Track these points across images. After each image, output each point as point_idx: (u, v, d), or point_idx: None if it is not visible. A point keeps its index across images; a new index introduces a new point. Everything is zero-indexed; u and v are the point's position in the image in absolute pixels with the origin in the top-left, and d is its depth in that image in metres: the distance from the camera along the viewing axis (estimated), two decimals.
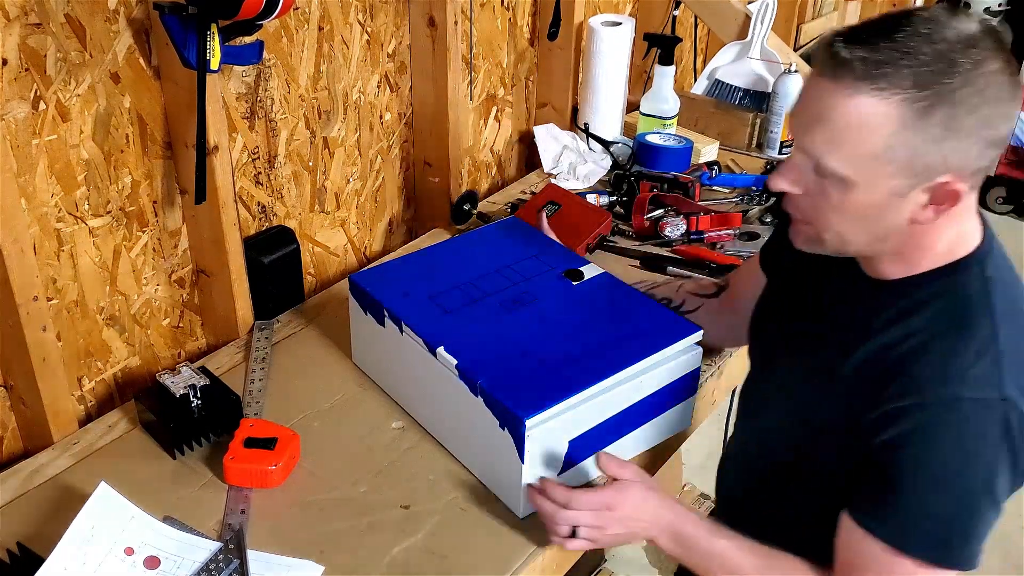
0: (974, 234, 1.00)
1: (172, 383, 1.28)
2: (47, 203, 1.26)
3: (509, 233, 1.49)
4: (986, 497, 0.95)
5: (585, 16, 2.06)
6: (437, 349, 1.21)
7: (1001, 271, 1.00)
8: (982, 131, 0.89)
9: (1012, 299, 0.99)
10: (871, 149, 0.90)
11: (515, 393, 1.12)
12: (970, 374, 0.93)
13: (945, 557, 0.96)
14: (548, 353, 1.19)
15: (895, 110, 0.88)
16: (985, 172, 0.95)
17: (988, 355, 0.94)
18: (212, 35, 1.22)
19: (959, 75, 0.86)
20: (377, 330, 1.33)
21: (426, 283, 1.33)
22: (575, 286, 1.33)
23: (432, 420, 1.30)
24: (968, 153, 0.90)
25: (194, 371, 1.31)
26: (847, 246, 1.01)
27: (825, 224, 0.99)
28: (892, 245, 0.99)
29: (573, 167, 1.99)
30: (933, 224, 0.96)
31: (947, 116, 0.87)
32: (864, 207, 0.94)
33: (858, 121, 0.89)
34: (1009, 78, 0.89)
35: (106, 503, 1.10)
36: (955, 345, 0.95)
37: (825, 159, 0.93)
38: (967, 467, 0.94)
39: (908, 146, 0.89)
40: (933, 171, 0.90)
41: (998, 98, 0.89)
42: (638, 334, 1.24)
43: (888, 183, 0.92)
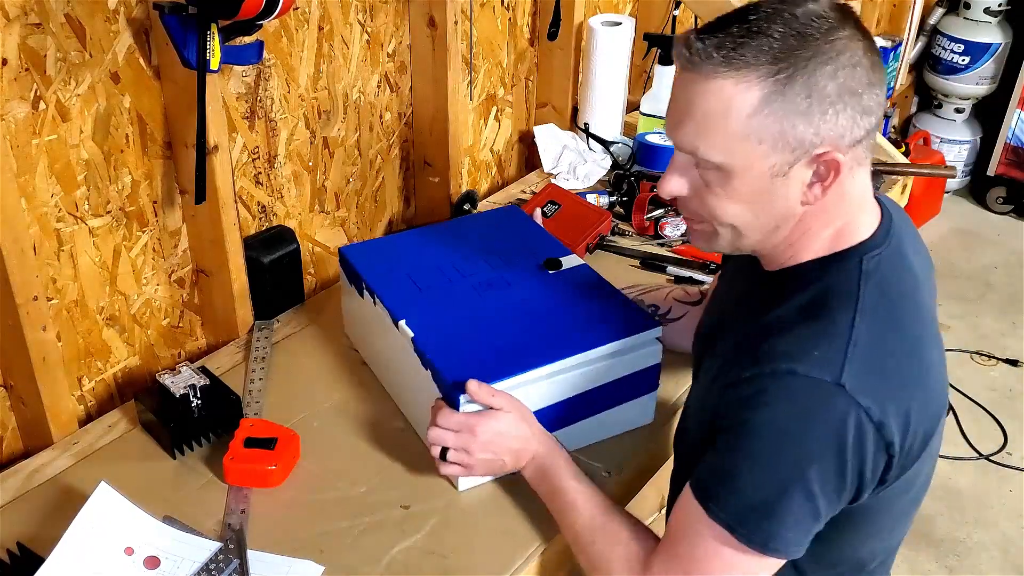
0: (864, 226, 1.00)
1: (172, 383, 1.28)
2: (47, 203, 1.26)
3: (504, 221, 1.52)
4: (797, 480, 0.91)
5: (585, 16, 2.06)
6: (399, 321, 1.25)
7: (884, 268, 0.98)
8: (846, 97, 0.90)
9: (886, 297, 0.96)
10: (739, 130, 0.90)
11: (458, 369, 1.17)
12: (813, 354, 0.91)
13: (742, 530, 0.93)
14: (504, 335, 1.24)
15: (755, 88, 0.89)
16: (867, 146, 0.95)
17: (837, 342, 0.92)
18: (212, 35, 1.22)
19: (811, 45, 0.88)
20: (358, 301, 1.39)
21: (410, 261, 1.38)
22: (551, 275, 1.36)
23: (396, 389, 1.36)
24: (839, 121, 0.90)
25: (194, 371, 1.31)
26: (742, 239, 1.00)
27: (716, 219, 0.98)
28: (784, 235, 0.99)
29: (573, 167, 1.99)
30: (822, 211, 0.96)
31: (807, 85, 0.88)
32: (749, 193, 0.94)
33: (721, 105, 0.90)
34: (863, 43, 0.91)
35: (106, 503, 1.10)
36: (811, 328, 0.94)
37: (700, 151, 0.94)
38: (783, 442, 0.91)
39: (775, 121, 0.89)
40: (808, 143, 0.91)
41: (854, 63, 0.90)
42: (598, 323, 1.26)
43: (765, 163, 0.92)
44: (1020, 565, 2.40)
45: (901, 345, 0.95)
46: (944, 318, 3.30)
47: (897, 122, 4.05)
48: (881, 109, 0.94)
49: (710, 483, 0.96)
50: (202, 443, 1.27)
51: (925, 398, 0.95)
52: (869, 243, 0.99)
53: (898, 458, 0.93)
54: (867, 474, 0.93)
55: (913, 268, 1.02)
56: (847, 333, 0.92)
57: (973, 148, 3.98)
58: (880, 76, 0.93)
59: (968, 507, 2.57)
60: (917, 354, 0.96)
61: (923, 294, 1.02)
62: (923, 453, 0.98)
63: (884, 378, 0.92)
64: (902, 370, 0.94)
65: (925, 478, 1.06)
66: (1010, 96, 3.75)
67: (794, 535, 0.93)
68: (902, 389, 0.93)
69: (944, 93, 3.91)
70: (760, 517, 0.92)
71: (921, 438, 0.95)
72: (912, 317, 0.98)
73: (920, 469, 1.01)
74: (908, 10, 3.57)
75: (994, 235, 3.81)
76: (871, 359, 0.91)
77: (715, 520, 0.94)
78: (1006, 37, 3.74)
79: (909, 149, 3.44)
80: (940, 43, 3.81)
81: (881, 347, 0.93)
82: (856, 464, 0.91)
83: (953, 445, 2.78)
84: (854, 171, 0.96)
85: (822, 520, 0.95)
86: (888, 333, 0.94)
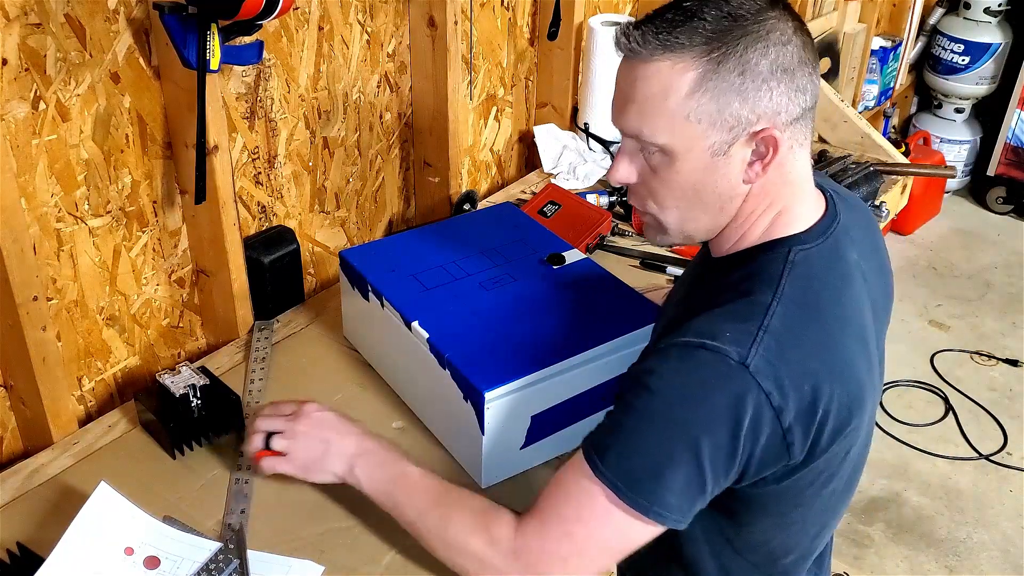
0: (803, 217, 1.01)
1: (172, 383, 1.28)
2: (47, 203, 1.26)
3: (500, 218, 1.52)
4: (688, 448, 0.91)
5: (585, 16, 2.06)
6: (412, 323, 1.25)
7: (813, 262, 0.99)
8: (779, 74, 0.92)
9: (809, 290, 0.97)
10: (678, 110, 0.93)
11: (478, 367, 1.17)
12: (724, 331, 0.92)
13: (627, 491, 0.93)
14: (517, 332, 1.24)
15: (690, 68, 0.92)
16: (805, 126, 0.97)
17: (749, 324, 0.93)
18: (212, 35, 1.22)
19: (743, 25, 0.91)
20: (362, 304, 1.38)
21: (412, 261, 1.38)
22: (555, 270, 1.37)
23: (408, 392, 1.35)
24: (773, 98, 0.93)
25: (194, 371, 1.31)
26: (688, 225, 1.02)
27: (662, 204, 1.00)
28: (729, 217, 1.00)
29: (573, 167, 1.99)
30: (764, 193, 0.98)
31: (739, 63, 0.91)
32: (692, 174, 0.96)
33: (659, 87, 0.93)
34: (792, 23, 0.94)
35: (106, 503, 1.10)
36: (730, 310, 0.95)
37: (643, 134, 0.96)
38: (678, 408, 0.92)
39: (711, 99, 0.92)
40: (745, 121, 0.93)
41: (783, 41, 0.92)
42: (607, 317, 1.27)
43: (705, 143, 0.94)
44: (1020, 565, 2.40)
45: (816, 337, 0.95)
46: (944, 318, 3.30)
47: (897, 122, 4.05)
48: (815, 89, 0.96)
49: (601, 441, 0.96)
50: (202, 443, 1.27)
51: (836, 395, 0.95)
52: (802, 236, 1.00)
53: (798, 447, 0.94)
54: (757, 456, 0.93)
55: (849, 270, 1.02)
56: (761, 317, 0.93)
57: (973, 148, 3.99)
58: (812, 55, 0.95)
59: (968, 507, 2.57)
60: (832, 348, 0.96)
61: (854, 296, 1.01)
62: (834, 448, 0.97)
63: (790, 365, 0.92)
64: (812, 361, 0.94)
65: (844, 477, 1.06)
66: (1010, 96, 3.75)
67: (677, 502, 0.94)
68: (809, 379, 0.93)
69: (944, 93, 3.91)
70: (647, 479, 0.93)
71: (830, 431, 0.95)
72: (833, 313, 0.98)
73: (834, 465, 1.01)
74: (908, 10, 3.57)
75: (994, 235, 3.81)
76: (780, 345, 0.92)
77: (601, 479, 0.94)
78: (1006, 37, 3.74)
79: (909, 149, 3.44)
80: (940, 43, 3.81)
81: (793, 335, 0.94)
82: (748, 445, 0.92)
83: (953, 445, 2.78)
84: (794, 151, 0.98)
85: (707, 495, 0.95)
86: (803, 323, 0.95)
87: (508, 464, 1.22)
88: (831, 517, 1.13)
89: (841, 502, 1.12)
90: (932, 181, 3.65)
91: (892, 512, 2.55)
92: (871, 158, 2.13)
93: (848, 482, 1.09)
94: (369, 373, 1.42)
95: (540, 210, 1.74)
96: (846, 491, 1.10)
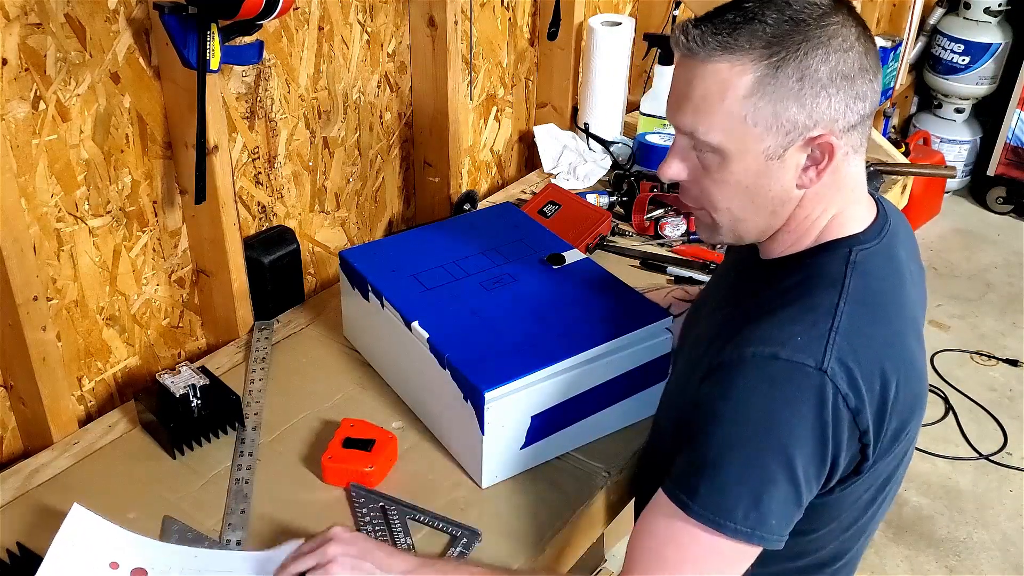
0: (859, 219, 1.01)
1: (172, 383, 1.28)
2: (47, 203, 1.26)
3: (500, 218, 1.52)
4: (782, 466, 0.90)
5: (585, 16, 2.06)
6: (412, 323, 1.25)
7: (873, 262, 0.99)
8: (838, 81, 0.91)
9: (872, 289, 0.97)
10: (735, 112, 0.92)
11: (478, 367, 1.17)
12: (795, 339, 0.91)
13: (730, 524, 0.90)
14: (518, 332, 1.24)
15: (748, 70, 0.91)
16: (862, 133, 0.96)
17: (820, 327, 0.92)
18: (212, 35, 1.22)
19: (804, 30, 0.90)
20: (362, 304, 1.38)
21: (412, 261, 1.38)
22: (555, 270, 1.37)
23: (408, 392, 1.35)
24: (832, 105, 0.92)
25: (194, 371, 1.31)
26: (740, 226, 1.01)
27: (714, 205, 1.00)
28: (781, 220, 0.99)
29: (573, 167, 1.99)
30: (819, 197, 0.97)
31: (799, 68, 0.90)
32: (745, 176, 0.96)
33: (716, 87, 0.92)
34: (855, 29, 0.93)
35: (82, 523, 1.07)
36: (794, 314, 0.94)
37: (698, 132, 0.95)
38: (765, 427, 0.90)
39: (768, 103, 0.91)
40: (802, 126, 0.92)
41: (845, 48, 0.91)
42: (607, 317, 1.27)
43: (759, 145, 0.93)
44: (1020, 565, 2.40)
45: (883, 335, 0.95)
46: (944, 318, 3.30)
47: (897, 122, 4.05)
48: (875, 96, 0.95)
49: (689, 479, 0.93)
50: (202, 443, 1.27)
51: (904, 393, 0.95)
52: (861, 236, 1.00)
53: (871, 448, 0.94)
54: (841, 462, 0.93)
55: (902, 269, 1.02)
56: (830, 318, 0.93)
57: (973, 148, 3.98)
58: (873, 62, 0.94)
59: (968, 507, 2.57)
60: (898, 345, 0.96)
61: (908, 294, 1.02)
62: (894, 447, 0.97)
63: (862, 365, 0.92)
64: (881, 359, 0.94)
65: (894, 477, 1.05)
66: (1010, 96, 3.75)
67: (778, 523, 0.92)
68: (879, 377, 0.93)
69: (944, 93, 3.91)
70: (747, 508, 0.91)
71: (893, 431, 0.95)
72: (895, 311, 0.98)
73: (889, 464, 1.00)
74: (908, 10, 3.57)
75: (994, 235, 3.81)
76: (852, 345, 0.92)
77: (698, 519, 0.92)
78: (1006, 37, 3.74)
79: (909, 149, 3.44)
80: (940, 43, 3.81)
81: (863, 335, 0.93)
82: (834, 450, 0.91)
83: (953, 445, 2.78)
84: (849, 157, 0.97)
85: (803, 506, 0.94)
86: (871, 322, 0.95)
87: (508, 464, 1.22)
88: (880, 516, 1.12)
89: (889, 500, 1.11)
90: (932, 181, 3.65)
91: (892, 512, 2.55)
92: (871, 158, 2.13)
93: (899, 479, 1.08)
94: (369, 373, 1.42)
95: (540, 210, 1.74)
96: (896, 487, 1.09)
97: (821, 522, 1.02)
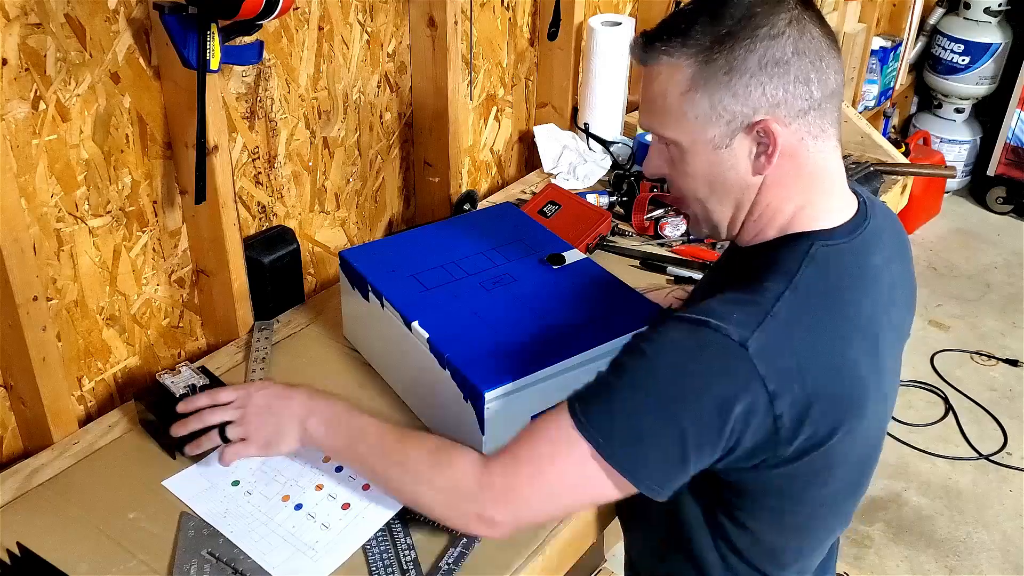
0: (830, 214, 1.02)
1: (172, 383, 1.28)
2: (47, 203, 1.26)
3: (500, 218, 1.52)
4: (672, 420, 0.92)
5: (585, 16, 2.06)
6: (412, 323, 1.25)
7: (836, 258, 0.99)
8: (770, 68, 0.94)
9: (825, 285, 0.98)
10: (677, 108, 0.98)
11: (478, 367, 1.17)
12: (731, 316, 0.93)
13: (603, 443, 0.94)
14: (518, 332, 1.24)
15: (684, 66, 0.97)
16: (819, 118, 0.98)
17: (758, 310, 0.94)
18: (212, 35, 1.22)
19: (730, 24, 0.95)
20: (362, 304, 1.38)
21: (412, 261, 1.38)
22: (555, 270, 1.37)
23: (408, 392, 1.36)
24: (767, 91, 0.95)
25: (194, 371, 1.31)
26: (712, 217, 1.05)
27: (687, 197, 1.06)
28: (747, 210, 1.03)
29: (573, 167, 1.99)
30: (778, 184, 1.00)
31: (728, 61, 0.95)
32: (702, 166, 1.00)
33: (659, 88, 0.99)
34: (789, 15, 0.95)
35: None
36: (740, 296, 0.97)
37: (656, 129, 1.02)
38: (671, 380, 0.93)
39: (703, 96, 0.96)
40: (740, 114, 0.96)
41: (773, 34, 0.94)
42: (607, 317, 1.27)
43: (705, 136, 0.98)
44: (1020, 565, 2.40)
45: (821, 331, 0.96)
46: (944, 318, 3.30)
47: (897, 122, 4.05)
48: (826, 80, 0.97)
49: (588, 397, 0.97)
50: None
51: (833, 391, 0.95)
52: (827, 232, 1.01)
53: (788, 436, 0.93)
54: (748, 439, 0.93)
55: (871, 271, 1.02)
56: (770, 304, 0.94)
57: (973, 148, 3.99)
58: (812, 45, 0.96)
59: (968, 507, 2.57)
60: (836, 345, 0.96)
61: (872, 297, 1.01)
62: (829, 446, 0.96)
63: (790, 354, 0.93)
64: (813, 354, 0.94)
65: (847, 481, 1.05)
66: (1010, 96, 3.76)
67: (655, 470, 0.95)
68: (807, 371, 0.93)
69: (944, 93, 3.91)
70: (628, 439, 0.94)
71: (825, 428, 0.95)
72: (845, 312, 0.98)
73: (832, 466, 1.00)
74: (908, 10, 3.58)
75: (994, 235, 3.81)
76: (785, 333, 0.93)
77: (583, 433, 0.95)
78: (1006, 37, 3.74)
79: (909, 149, 3.44)
80: (940, 43, 3.81)
81: (800, 325, 0.94)
82: (739, 426, 0.92)
83: (953, 445, 2.78)
84: (807, 144, 0.98)
85: (688, 469, 0.95)
86: (812, 316, 0.96)
87: None
88: (835, 521, 1.13)
89: (844, 507, 1.11)
90: (932, 181, 3.65)
91: (892, 512, 2.55)
92: (871, 158, 2.13)
93: (852, 487, 1.08)
94: (369, 373, 1.42)
95: (540, 210, 1.74)
96: (849, 496, 1.10)
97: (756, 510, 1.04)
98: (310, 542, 1.12)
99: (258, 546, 1.11)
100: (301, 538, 1.12)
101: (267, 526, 1.13)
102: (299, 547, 1.11)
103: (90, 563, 1.09)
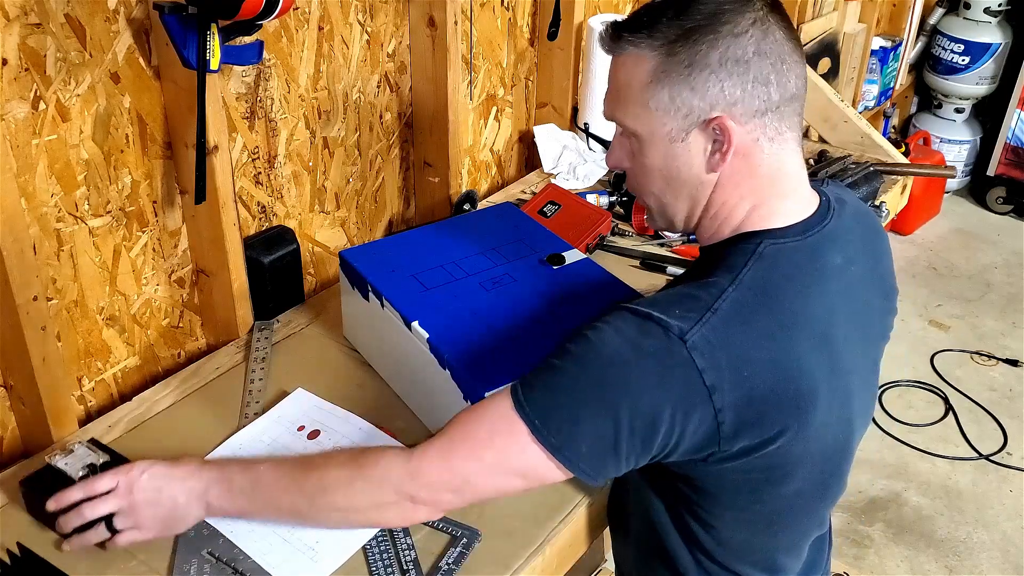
0: (785, 215, 1.02)
1: (66, 465, 1.15)
2: (47, 203, 1.26)
3: (500, 218, 1.52)
4: (609, 405, 0.92)
5: (585, 16, 2.06)
6: (412, 323, 1.25)
7: (786, 256, 0.99)
8: (730, 66, 0.95)
9: (771, 282, 0.97)
10: (639, 98, 0.99)
11: (478, 367, 1.18)
12: (674, 310, 0.94)
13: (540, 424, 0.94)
14: (517, 332, 1.24)
15: (648, 58, 0.98)
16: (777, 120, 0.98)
17: (700, 305, 0.94)
18: (212, 35, 1.22)
19: (697, 19, 0.96)
20: (362, 304, 1.38)
21: (412, 261, 1.38)
22: (555, 270, 1.37)
23: (408, 392, 1.36)
24: (725, 89, 0.95)
25: (89, 448, 1.18)
26: (667, 211, 1.06)
27: (644, 191, 1.07)
28: (702, 207, 1.03)
29: (573, 167, 1.99)
30: (733, 183, 1.00)
31: (690, 55, 0.96)
32: (658, 159, 1.01)
33: (624, 77, 1.01)
34: (754, 15, 0.96)
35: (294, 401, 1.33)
36: (687, 291, 0.97)
37: (618, 118, 1.03)
38: (610, 366, 0.93)
39: (663, 89, 0.97)
40: (698, 109, 0.97)
41: (736, 32, 0.95)
42: None
43: (663, 129, 0.99)
44: (1020, 565, 2.40)
45: (766, 327, 0.95)
46: (944, 318, 3.30)
47: (897, 122, 4.05)
48: (785, 83, 0.97)
49: (529, 378, 0.98)
50: None
51: (775, 387, 0.94)
52: (777, 231, 1.01)
53: (731, 431, 0.93)
54: (688, 434, 0.93)
55: (824, 270, 1.01)
56: (713, 300, 0.95)
57: (973, 148, 3.99)
58: (774, 47, 0.96)
59: (968, 507, 2.57)
60: (782, 342, 0.95)
61: (824, 296, 1.00)
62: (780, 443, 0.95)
63: (731, 349, 0.92)
64: (757, 350, 0.93)
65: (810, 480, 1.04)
66: (1010, 96, 3.76)
67: (588, 454, 0.94)
68: (750, 365, 0.92)
69: (944, 93, 3.91)
70: (563, 420, 0.94)
71: (772, 424, 0.94)
72: (791, 308, 0.97)
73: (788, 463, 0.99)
74: (908, 10, 3.58)
75: (994, 235, 3.81)
76: (726, 328, 0.93)
77: (520, 413, 0.96)
78: (1006, 37, 3.74)
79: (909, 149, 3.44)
80: (940, 43, 3.81)
81: (742, 321, 0.94)
82: (680, 420, 0.92)
83: (953, 445, 2.78)
84: (762, 145, 0.99)
85: (621, 459, 0.95)
86: (756, 312, 0.95)
87: None
88: (808, 522, 1.12)
89: (815, 508, 1.10)
90: (932, 181, 3.65)
91: (892, 512, 2.55)
92: (871, 158, 2.13)
93: (819, 488, 1.06)
94: (369, 373, 1.42)
95: (540, 210, 1.74)
96: (818, 498, 1.09)
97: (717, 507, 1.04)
98: (310, 542, 1.12)
99: (258, 546, 1.11)
100: (301, 538, 1.12)
101: (267, 526, 1.13)
102: (299, 547, 1.11)
103: (90, 563, 1.09)
